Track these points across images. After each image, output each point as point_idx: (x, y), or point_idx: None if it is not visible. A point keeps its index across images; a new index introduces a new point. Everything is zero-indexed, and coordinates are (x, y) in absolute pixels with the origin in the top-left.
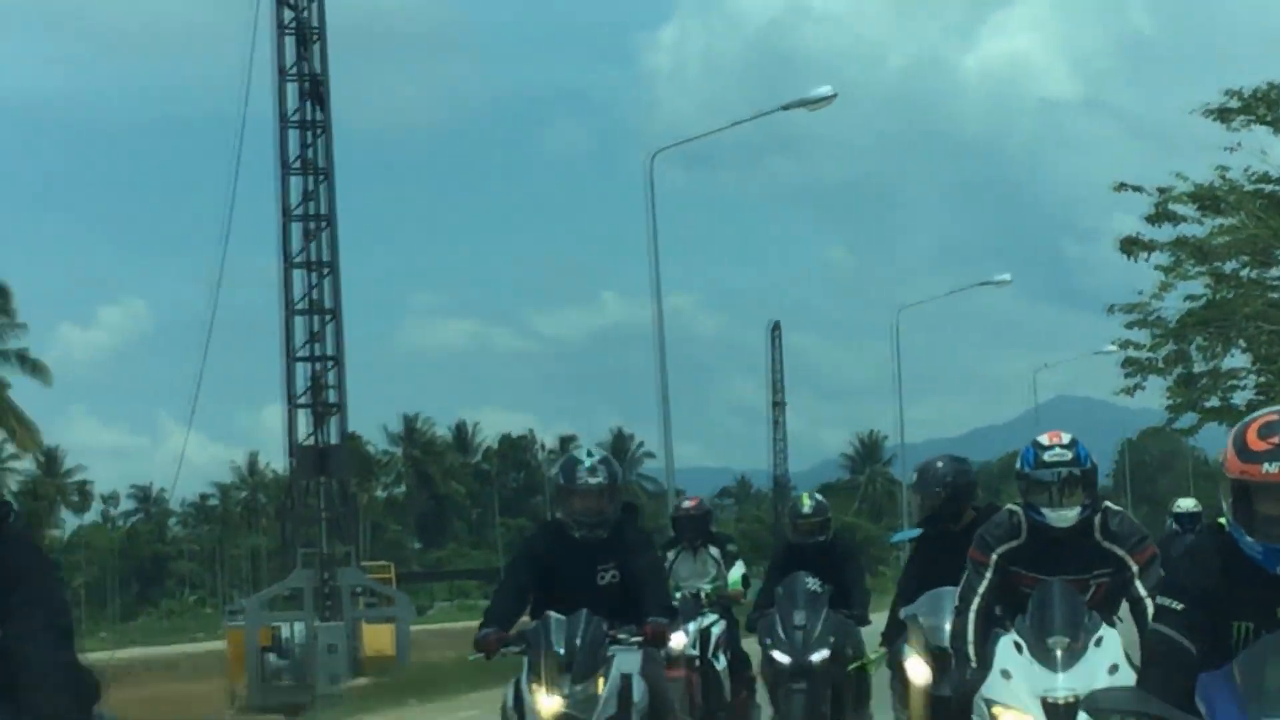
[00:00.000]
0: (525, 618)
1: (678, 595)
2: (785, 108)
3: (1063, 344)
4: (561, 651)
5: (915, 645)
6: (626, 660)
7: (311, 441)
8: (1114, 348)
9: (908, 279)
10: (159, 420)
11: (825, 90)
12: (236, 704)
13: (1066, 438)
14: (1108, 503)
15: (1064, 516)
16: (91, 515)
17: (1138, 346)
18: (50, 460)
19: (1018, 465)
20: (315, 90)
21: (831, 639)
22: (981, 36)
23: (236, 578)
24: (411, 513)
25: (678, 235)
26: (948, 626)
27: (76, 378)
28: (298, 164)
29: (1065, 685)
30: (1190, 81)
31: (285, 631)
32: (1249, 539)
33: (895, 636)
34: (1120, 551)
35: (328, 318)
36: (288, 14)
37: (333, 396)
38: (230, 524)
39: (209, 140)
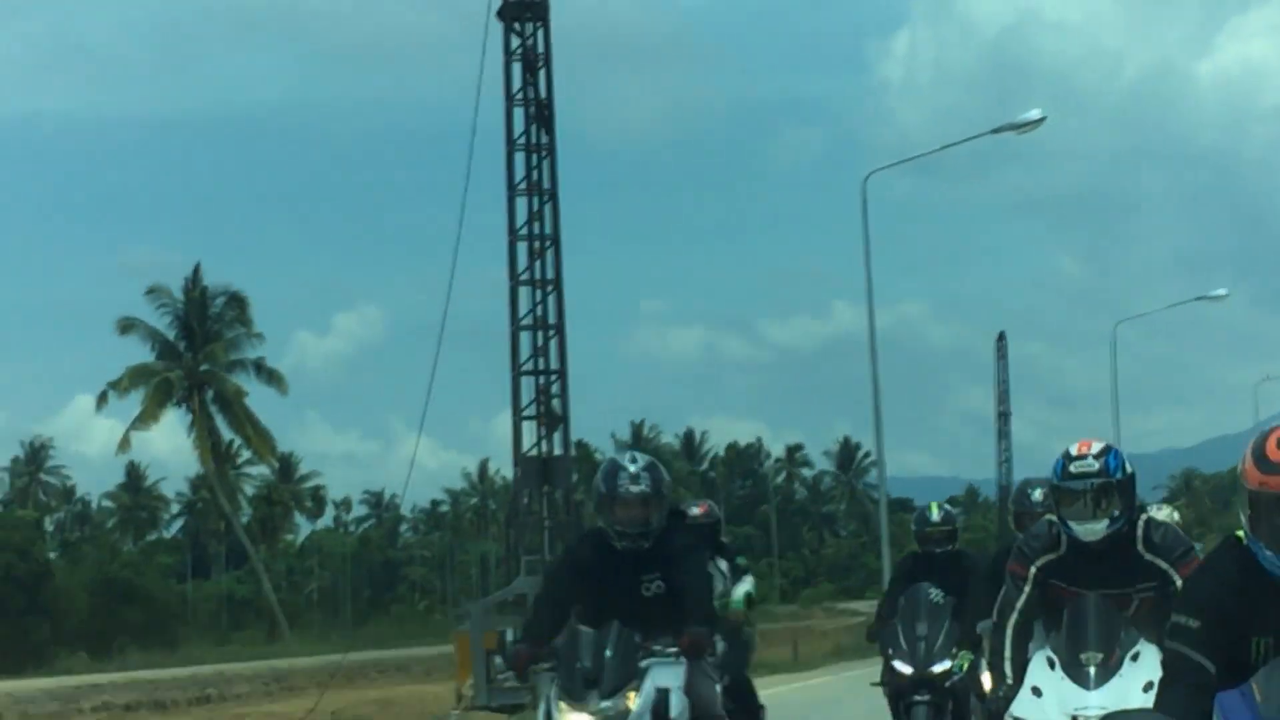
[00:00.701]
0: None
1: None
2: (995, 131)
3: None
4: (589, 665)
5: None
6: (664, 673)
7: (535, 452)
8: None
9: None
10: (391, 426)
11: (1035, 114)
12: (463, 704)
13: (1097, 447)
14: (1150, 513)
15: (1092, 530)
16: (325, 520)
17: None
18: (285, 466)
19: (1050, 475)
20: (541, 114)
21: (954, 650)
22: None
23: (466, 583)
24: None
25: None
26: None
27: (310, 384)
28: (523, 185)
29: (1097, 703)
30: None
31: (510, 635)
32: (1269, 553)
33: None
34: (1164, 564)
35: (552, 333)
36: (515, 40)
37: (557, 408)
38: (460, 530)
39: (440, 150)
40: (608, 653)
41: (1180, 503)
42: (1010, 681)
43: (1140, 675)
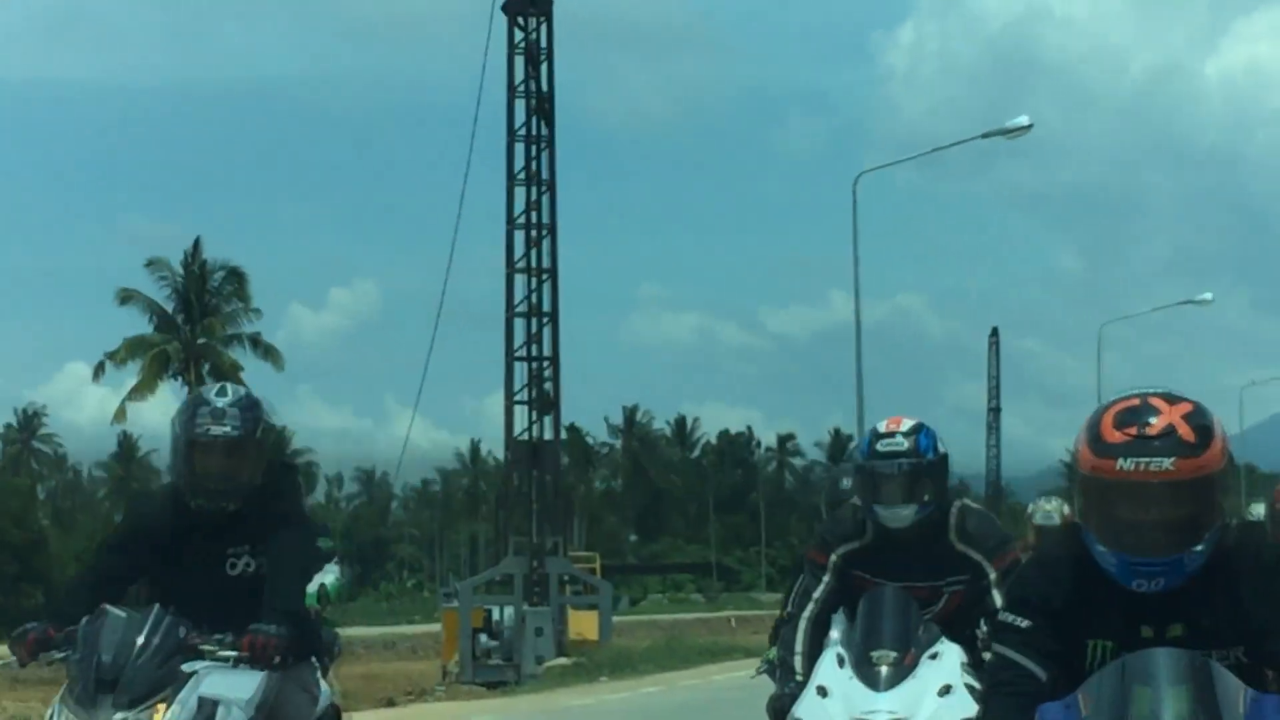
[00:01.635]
0: None
1: None
2: (985, 135)
3: None
4: (109, 661)
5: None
6: (218, 681)
7: (527, 436)
8: None
9: (1136, 287)
10: (384, 404)
11: (1023, 120)
12: (449, 680)
13: (908, 424)
14: (965, 500)
15: (899, 516)
16: (316, 496)
17: None
18: (278, 440)
19: (855, 455)
20: (542, 107)
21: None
22: (1224, 44)
23: (455, 562)
24: (629, 505)
25: (909, 237)
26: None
27: (304, 359)
28: (523, 175)
29: (886, 707)
30: None
31: (496, 614)
32: (1101, 547)
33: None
34: (977, 556)
35: (546, 320)
36: (518, 34)
37: (550, 393)
38: (451, 510)
39: (443, 131)
40: (138, 645)
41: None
42: (800, 678)
43: (937, 677)
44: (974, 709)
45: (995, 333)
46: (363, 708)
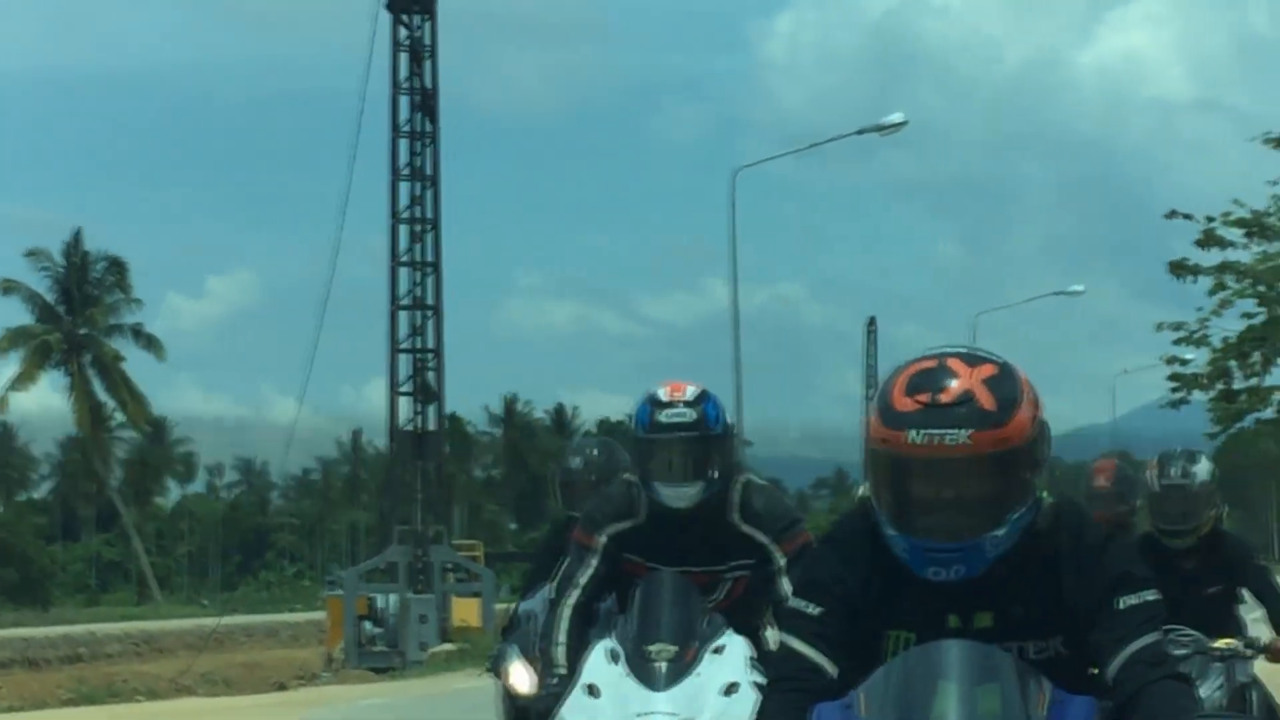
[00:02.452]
0: None
1: None
2: (860, 132)
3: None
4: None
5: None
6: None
7: (411, 427)
8: (1161, 362)
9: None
10: (263, 393)
11: (897, 117)
12: (333, 666)
13: (692, 391)
14: (750, 476)
15: (682, 494)
16: (196, 485)
17: (1183, 362)
18: (158, 430)
19: (632, 426)
20: (426, 104)
21: None
22: (1098, 34)
23: (335, 551)
24: (509, 493)
25: (788, 225)
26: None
27: (182, 347)
28: (407, 171)
29: (665, 708)
30: None
31: (380, 602)
32: (891, 531)
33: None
34: (763, 538)
35: (429, 314)
36: (403, 32)
37: (432, 383)
38: (331, 499)
39: (325, 121)
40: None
41: (1043, 493)
42: (564, 672)
43: (721, 674)
44: None
45: (872, 321)
46: (250, 694)
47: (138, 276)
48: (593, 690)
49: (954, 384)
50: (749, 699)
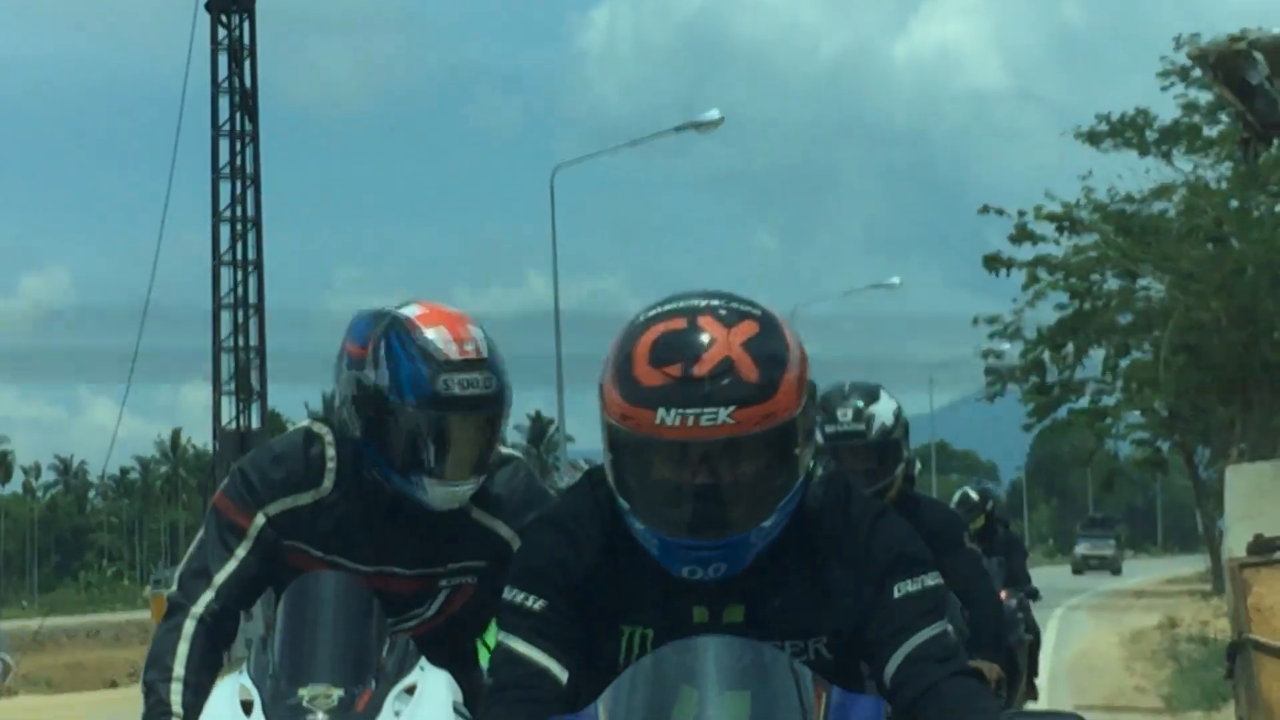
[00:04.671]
0: None
1: None
2: (677, 129)
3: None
4: None
5: None
6: None
7: (234, 426)
8: (978, 357)
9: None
10: (78, 393)
11: (713, 114)
12: None
13: (482, 343)
14: (506, 449)
15: (456, 494)
16: (13, 486)
17: (998, 355)
18: None
19: (362, 371)
20: (245, 103)
21: None
22: (912, 26)
23: (155, 550)
24: None
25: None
26: None
27: None
28: (227, 170)
29: None
30: (1121, 73)
31: None
32: (639, 525)
33: None
34: (504, 531)
35: (252, 312)
36: (221, 32)
37: (255, 383)
38: (150, 498)
39: (143, 117)
40: None
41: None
42: (178, 714)
43: None
44: None
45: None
46: (81, 692)
47: None
48: None
49: (710, 351)
50: None
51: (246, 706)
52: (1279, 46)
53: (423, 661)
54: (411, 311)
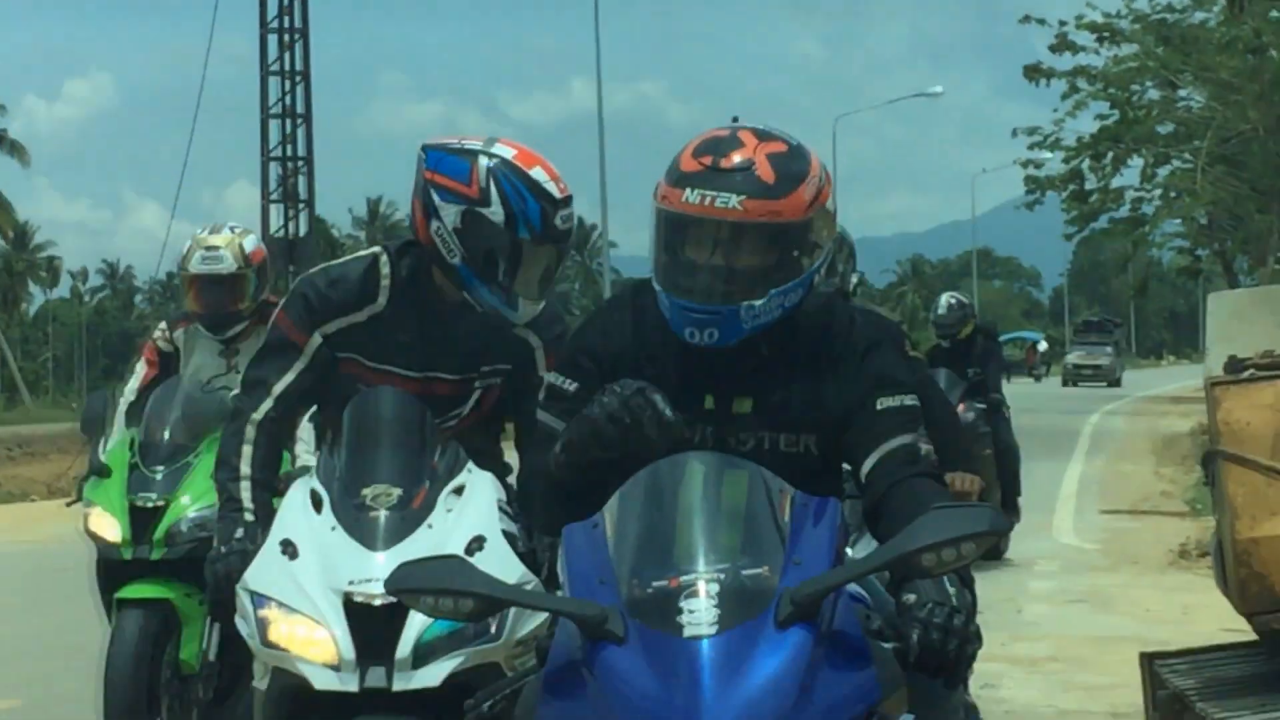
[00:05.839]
0: None
1: None
2: None
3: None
4: None
5: None
6: None
7: (282, 234)
8: (1017, 165)
9: (877, 73)
10: (123, 196)
11: None
12: None
13: (566, 188)
14: None
15: (529, 311)
16: (61, 291)
17: (1038, 165)
18: (20, 235)
19: (499, 201)
20: None
21: None
22: None
23: None
24: None
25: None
26: None
27: (40, 151)
28: None
29: (386, 575)
30: None
31: None
32: (659, 287)
33: None
34: (535, 340)
35: (300, 122)
36: None
37: (304, 193)
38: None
39: None
40: None
41: (909, 287)
42: (251, 518)
43: (461, 526)
44: (518, 568)
45: (736, 120)
46: None
47: None
48: (289, 548)
49: (738, 152)
50: (500, 557)
51: (317, 505)
52: None
53: (470, 465)
54: (508, 153)
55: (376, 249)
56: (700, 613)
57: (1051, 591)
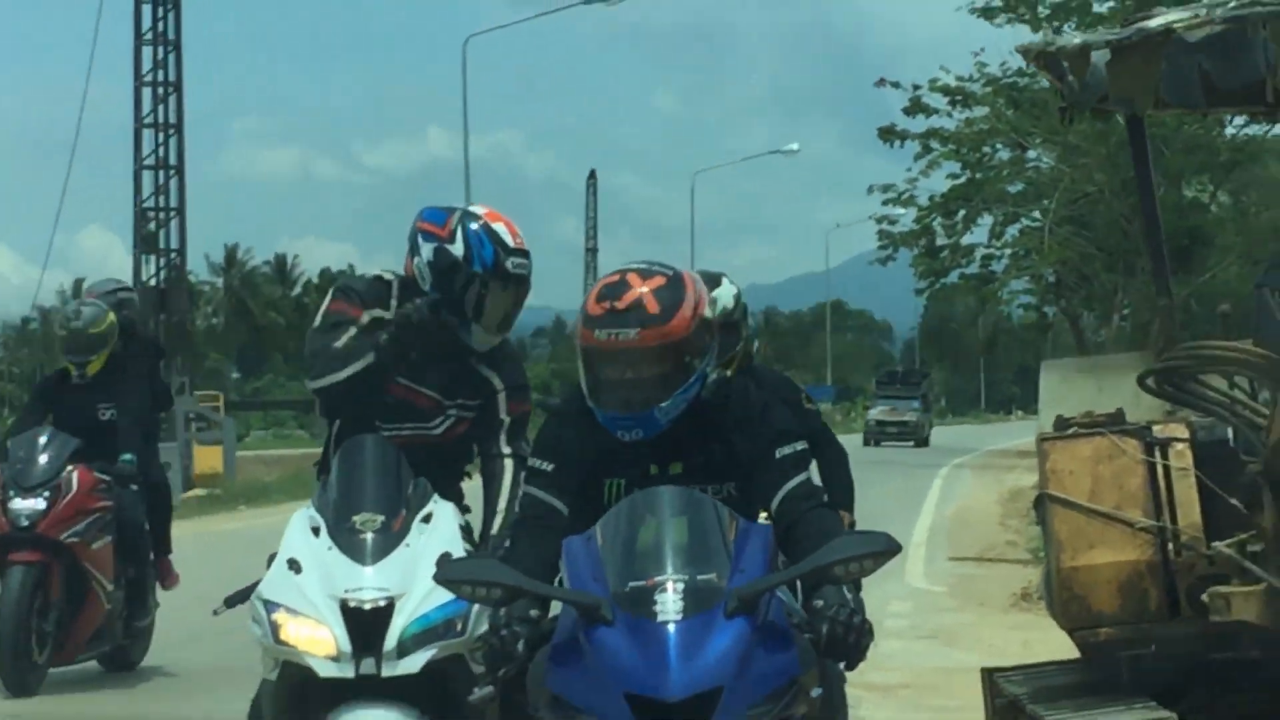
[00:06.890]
0: None
1: None
2: (586, 1)
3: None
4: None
5: None
6: None
7: (153, 282)
8: (872, 220)
9: (732, 126)
10: None
11: None
12: None
13: (521, 238)
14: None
15: (489, 341)
16: None
17: (891, 221)
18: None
19: (453, 245)
20: None
21: None
22: None
23: None
24: (231, 343)
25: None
26: None
27: None
28: (149, 36)
29: (375, 583)
30: None
31: None
32: (592, 404)
33: None
34: (498, 384)
35: (172, 173)
36: None
37: (175, 243)
38: (52, 348)
39: None
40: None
41: (762, 340)
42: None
43: (431, 545)
44: None
45: (593, 175)
46: None
47: None
48: (294, 565)
49: (628, 293)
50: None
51: (315, 531)
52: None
53: (435, 496)
54: (480, 210)
55: (389, 273)
56: (669, 605)
57: (904, 629)
